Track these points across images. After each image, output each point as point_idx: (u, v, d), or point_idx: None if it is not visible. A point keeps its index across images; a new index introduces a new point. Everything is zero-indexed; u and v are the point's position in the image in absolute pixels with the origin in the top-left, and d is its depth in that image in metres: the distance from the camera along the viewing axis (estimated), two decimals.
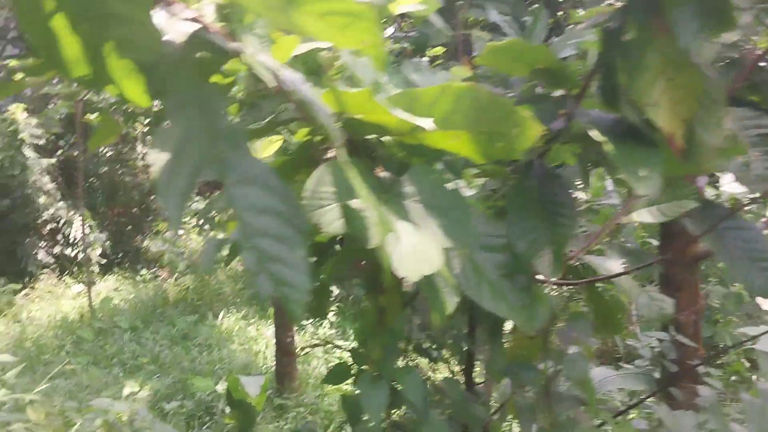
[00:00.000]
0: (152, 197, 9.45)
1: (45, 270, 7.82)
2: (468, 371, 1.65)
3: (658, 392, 1.99)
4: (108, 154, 8.71)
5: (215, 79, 1.00)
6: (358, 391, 1.34)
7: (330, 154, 1.02)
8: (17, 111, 7.44)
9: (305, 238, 0.70)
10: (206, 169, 0.66)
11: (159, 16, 0.70)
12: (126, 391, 3.24)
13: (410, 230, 0.79)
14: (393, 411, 1.28)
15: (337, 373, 1.27)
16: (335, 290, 7.11)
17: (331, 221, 0.83)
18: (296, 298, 0.68)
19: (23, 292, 7.40)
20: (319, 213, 0.84)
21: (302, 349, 4.94)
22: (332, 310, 6.89)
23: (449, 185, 0.87)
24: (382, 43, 0.73)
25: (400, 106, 0.83)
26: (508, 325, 1.58)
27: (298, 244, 0.69)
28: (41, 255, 7.76)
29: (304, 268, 0.69)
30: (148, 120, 8.79)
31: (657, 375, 2.62)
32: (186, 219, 8.23)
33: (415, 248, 0.76)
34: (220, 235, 7.80)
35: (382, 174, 1.02)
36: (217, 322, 6.59)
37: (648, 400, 3.00)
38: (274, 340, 5.18)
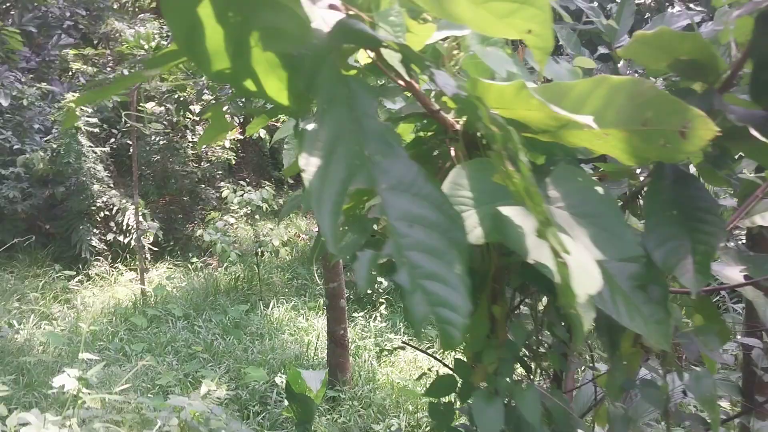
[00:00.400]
0: (202, 186, 9.51)
1: (98, 257, 7.92)
2: (558, 380, 1.57)
3: (762, 405, 1.86)
4: (161, 143, 8.78)
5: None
6: (445, 399, 1.27)
7: (453, 152, 0.94)
8: (73, 99, 7.52)
9: (464, 253, 0.62)
10: (358, 174, 0.59)
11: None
12: (203, 389, 3.21)
13: (570, 243, 0.71)
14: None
15: (440, 387, 1.19)
16: (384, 282, 7.05)
17: (470, 229, 0.75)
18: (454, 321, 0.61)
19: (77, 279, 7.51)
20: None
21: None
22: (381, 302, 6.84)
23: (599, 189, 0.79)
24: (551, 32, 0.64)
25: (546, 100, 0.74)
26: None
27: (456, 259, 0.61)
28: (94, 242, 7.86)
29: (463, 287, 0.61)
30: (199, 109, 8.84)
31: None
32: (235, 208, 8.23)
33: (578, 263, 0.67)
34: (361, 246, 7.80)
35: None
36: (268, 311, 6.59)
37: (724, 406, 2.86)
38: (326, 332, 5.14)
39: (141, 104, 7.29)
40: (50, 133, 8.05)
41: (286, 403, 4.84)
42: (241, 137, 10.33)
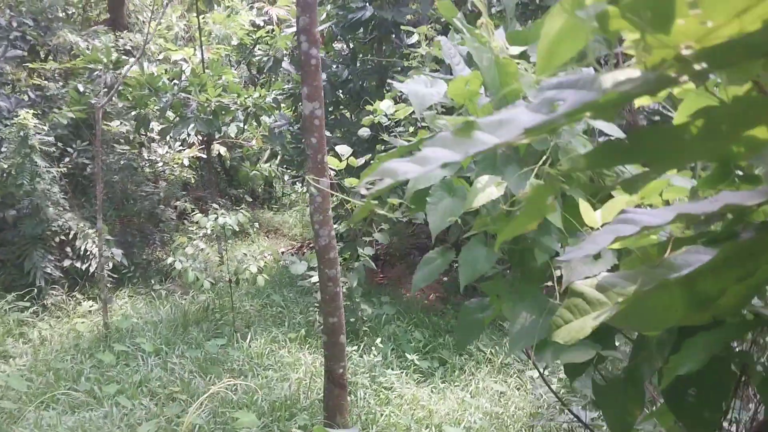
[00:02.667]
0: (161, 207, 9.00)
1: (54, 285, 7.34)
2: None
3: None
4: (121, 163, 8.26)
5: None
6: None
7: None
8: (27, 116, 6.96)
9: None
10: None
11: None
12: None
13: None
14: None
15: None
16: (368, 309, 6.73)
17: None
18: None
19: (31, 309, 6.92)
20: None
21: None
22: (365, 330, 6.52)
23: None
24: None
25: None
26: None
27: None
28: (50, 269, 7.28)
29: None
30: (161, 127, 8.36)
31: None
32: (203, 231, 7.77)
33: None
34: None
35: None
36: (246, 344, 6.17)
37: None
38: (323, 370, 4.78)
39: (105, 122, 6.80)
40: None
41: None
42: (203, 156, 9.88)
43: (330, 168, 5.67)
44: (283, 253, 9.52)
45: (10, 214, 7.28)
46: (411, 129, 5.99)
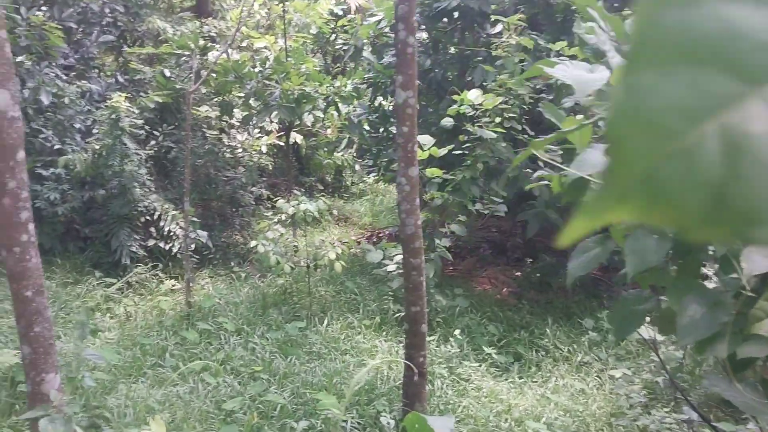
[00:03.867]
0: (240, 192, 9.19)
1: (138, 263, 7.60)
2: None
3: None
4: (206, 147, 8.48)
5: None
6: None
7: None
8: (120, 99, 7.22)
9: None
10: None
11: None
12: None
13: None
14: None
15: None
16: (442, 300, 6.76)
17: None
18: None
19: (116, 286, 7.18)
20: None
21: None
22: (438, 322, 6.54)
23: None
24: None
25: None
26: None
27: None
28: (135, 248, 7.54)
29: None
30: (244, 114, 8.54)
31: None
32: (272, 215, 7.90)
33: None
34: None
35: None
36: (322, 328, 6.27)
37: None
38: (399, 357, 4.84)
39: (195, 107, 6.99)
40: (90, 133, 7.75)
41: None
42: (280, 143, 10.06)
43: None
44: (358, 242, 9.58)
45: (99, 194, 7.57)
46: (497, 119, 5.95)
